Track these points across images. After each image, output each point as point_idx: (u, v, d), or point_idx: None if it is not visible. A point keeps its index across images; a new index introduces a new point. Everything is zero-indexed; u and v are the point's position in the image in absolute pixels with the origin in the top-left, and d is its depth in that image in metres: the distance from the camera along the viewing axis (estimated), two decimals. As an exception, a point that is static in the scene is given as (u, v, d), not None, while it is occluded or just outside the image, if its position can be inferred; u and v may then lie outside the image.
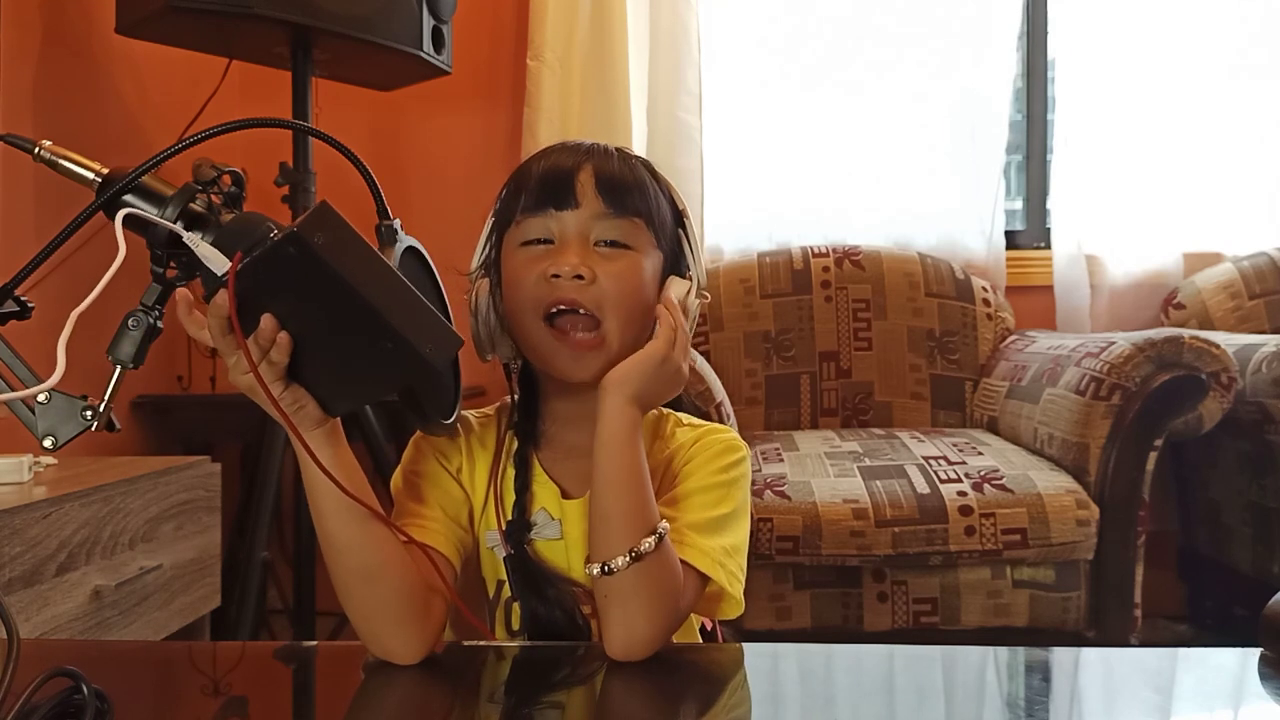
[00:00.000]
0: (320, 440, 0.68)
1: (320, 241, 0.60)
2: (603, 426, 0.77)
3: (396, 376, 0.66)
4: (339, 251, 0.61)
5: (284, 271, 0.61)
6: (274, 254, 0.61)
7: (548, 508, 0.85)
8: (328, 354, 0.65)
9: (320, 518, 0.71)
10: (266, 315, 0.63)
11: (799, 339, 2.31)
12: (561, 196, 0.81)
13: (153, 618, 1.51)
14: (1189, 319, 2.31)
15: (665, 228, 0.85)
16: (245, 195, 0.68)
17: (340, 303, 0.62)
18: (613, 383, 0.78)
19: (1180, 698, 0.72)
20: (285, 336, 0.63)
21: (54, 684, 0.55)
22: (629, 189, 0.82)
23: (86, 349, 0.65)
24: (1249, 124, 2.41)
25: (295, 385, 0.66)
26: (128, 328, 0.64)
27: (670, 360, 0.79)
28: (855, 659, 0.81)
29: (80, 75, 1.96)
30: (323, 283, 0.61)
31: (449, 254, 0.86)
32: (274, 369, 0.64)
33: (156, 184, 0.65)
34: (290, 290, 0.63)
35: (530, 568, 0.83)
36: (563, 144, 0.86)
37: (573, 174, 0.82)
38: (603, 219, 0.81)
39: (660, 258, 0.84)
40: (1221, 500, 2.09)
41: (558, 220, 0.81)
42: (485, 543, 0.85)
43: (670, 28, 2.39)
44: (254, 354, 0.63)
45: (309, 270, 0.61)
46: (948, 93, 2.42)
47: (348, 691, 0.74)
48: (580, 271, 0.79)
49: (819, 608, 1.73)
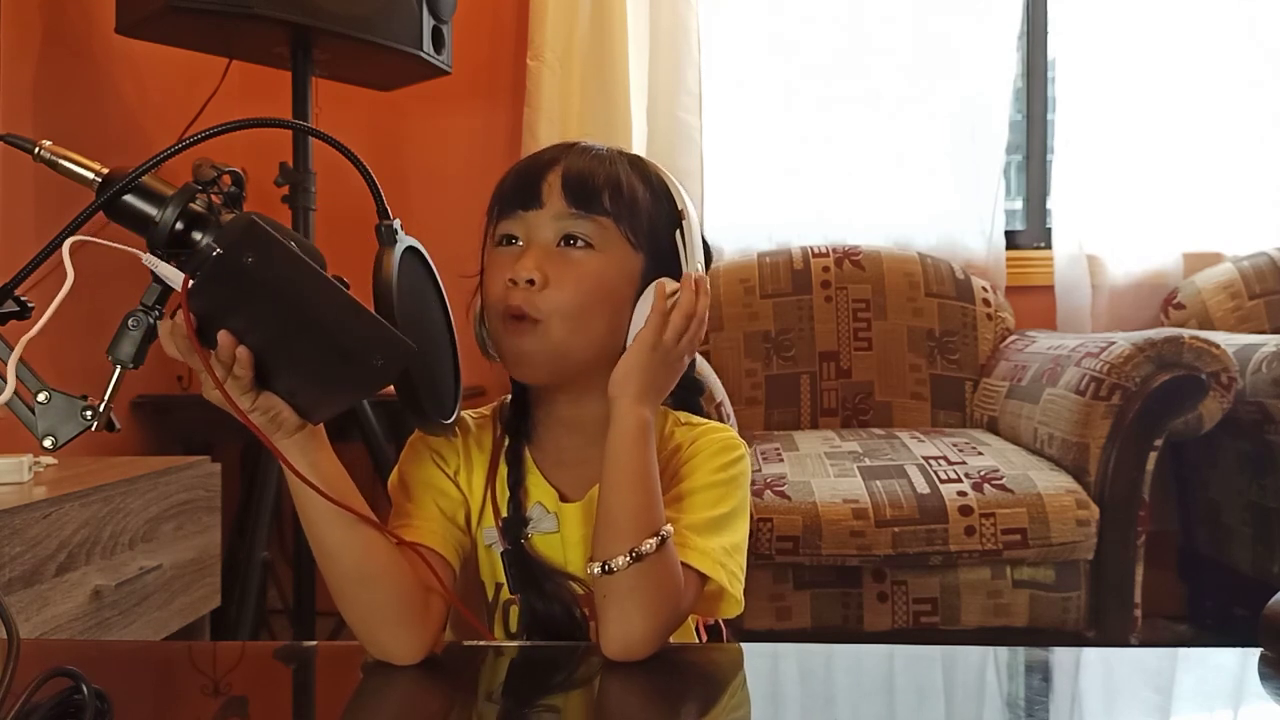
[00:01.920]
0: (299, 447, 0.68)
1: (250, 261, 0.60)
2: (613, 429, 0.77)
3: (356, 388, 0.66)
4: (271, 268, 0.61)
5: (228, 289, 0.62)
6: (212, 274, 0.61)
7: (544, 503, 0.85)
8: (292, 365, 0.66)
9: (309, 524, 0.71)
10: (222, 332, 0.63)
11: (799, 339, 2.31)
12: (528, 196, 0.81)
13: (153, 618, 1.51)
14: (1189, 319, 2.31)
15: (646, 229, 0.82)
16: (245, 195, 0.68)
17: (284, 317, 0.62)
18: (616, 385, 0.78)
19: (1180, 698, 0.72)
20: (245, 351, 0.63)
21: (54, 684, 0.55)
22: (598, 189, 0.81)
23: (86, 349, 0.65)
24: (1249, 124, 2.41)
25: (267, 394, 0.66)
26: (128, 328, 0.64)
27: (661, 345, 0.78)
28: (855, 659, 0.81)
29: (80, 75, 1.96)
30: (262, 299, 0.62)
31: (449, 254, 0.86)
32: (240, 382, 0.65)
33: (156, 184, 0.65)
34: (240, 306, 0.63)
35: (528, 562, 0.83)
36: (547, 149, 0.86)
37: (542, 174, 0.82)
38: (565, 218, 0.81)
39: (639, 261, 0.82)
40: (1221, 500, 2.09)
41: (523, 221, 0.81)
42: (483, 540, 0.85)
43: (670, 28, 2.39)
44: (219, 370, 0.64)
45: (247, 289, 0.61)
46: (948, 93, 2.42)
47: (347, 691, 0.74)
48: (531, 275, 0.78)
49: (819, 608, 1.73)
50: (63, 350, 1.49)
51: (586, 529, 0.83)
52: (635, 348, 0.79)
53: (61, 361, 1.43)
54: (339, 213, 1.76)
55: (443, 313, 0.79)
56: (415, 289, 0.74)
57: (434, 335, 0.77)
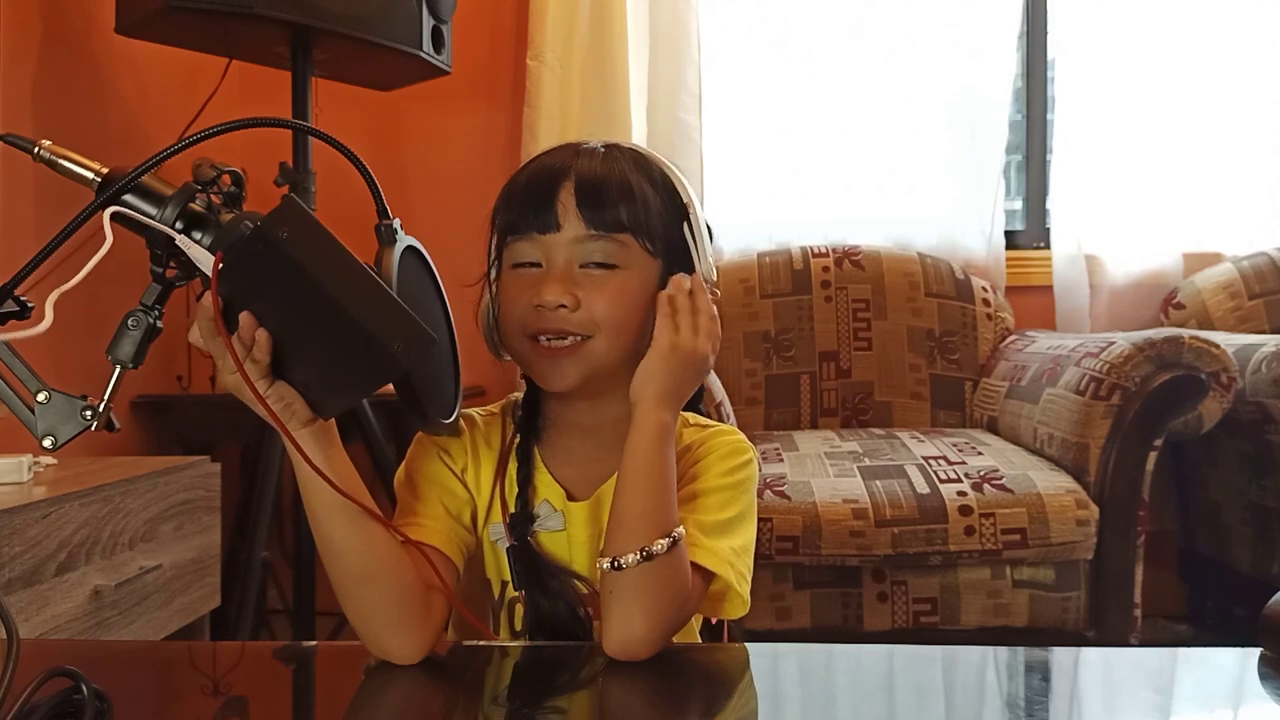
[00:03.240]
0: (311, 439, 0.68)
1: (286, 236, 0.61)
2: (634, 432, 0.77)
3: (372, 375, 0.66)
4: (305, 246, 0.61)
5: (257, 269, 0.62)
6: (245, 251, 0.61)
7: (551, 501, 0.85)
8: (310, 353, 0.66)
9: (315, 519, 0.71)
10: (244, 314, 0.63)
11: (799, 339, 2.31)
12: (543, 219, 0.80)
13: (153, 618, 1.51)
14: (1189, 319, 2.31)
15: (659, 233, 0.83)
16: (245, 195, 0.68)
17: (310, 299, 0.62)
18: (636, 390, 0.79)
19: (1180, 698, 0.72)
20: (264, 334, 0.64)
21: (54, 684, 0.55)
22: (613, 202, 0.81)
23: (86, 349, 0.65)
24: (1249, 124, 2.41)
25: (282, 383, 0.66)
26: (127, 328, 0.64)
27: (679, 347, 0.79)
28: (855, 659, 0.81)
29: (80, 75, 1.96)
30: (291, 278, 0.62)
31: (449, 254, 0.86)
32: (258, 367, 0.64)
33: (156, 184, 0.65)
34: (266, 288, 0.63)
35: (534, 559, 0.83)
36: (552, 150, 0.86)
37: (554, 191, 0.81)
38: (586, 242, 0.80)
39: (656, 266, 0.83)
40: (1221, 500, 2.09)
41: (541, 245, 0.81)
42: (489, 537, 0.85)
43: (670, 28, 2.39)
44: (240, 351, 0.64)
45: (278, 266, 0.61)
46: (948, 93, 2.42)
47: (348, 691, 0.74)
48: (563, 301, 0.79)
49: (819, 608, 1.73)
50: (63, 350, 1.49)
51: (592, 528, 0.83)
52: (652, 353, 0.79)
53: (61, 361, 1.43)
54: (339, 213, 1.75)
55: (443, 312, 0.79)
56: (415, 288, 0.74)
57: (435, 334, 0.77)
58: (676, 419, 0.80)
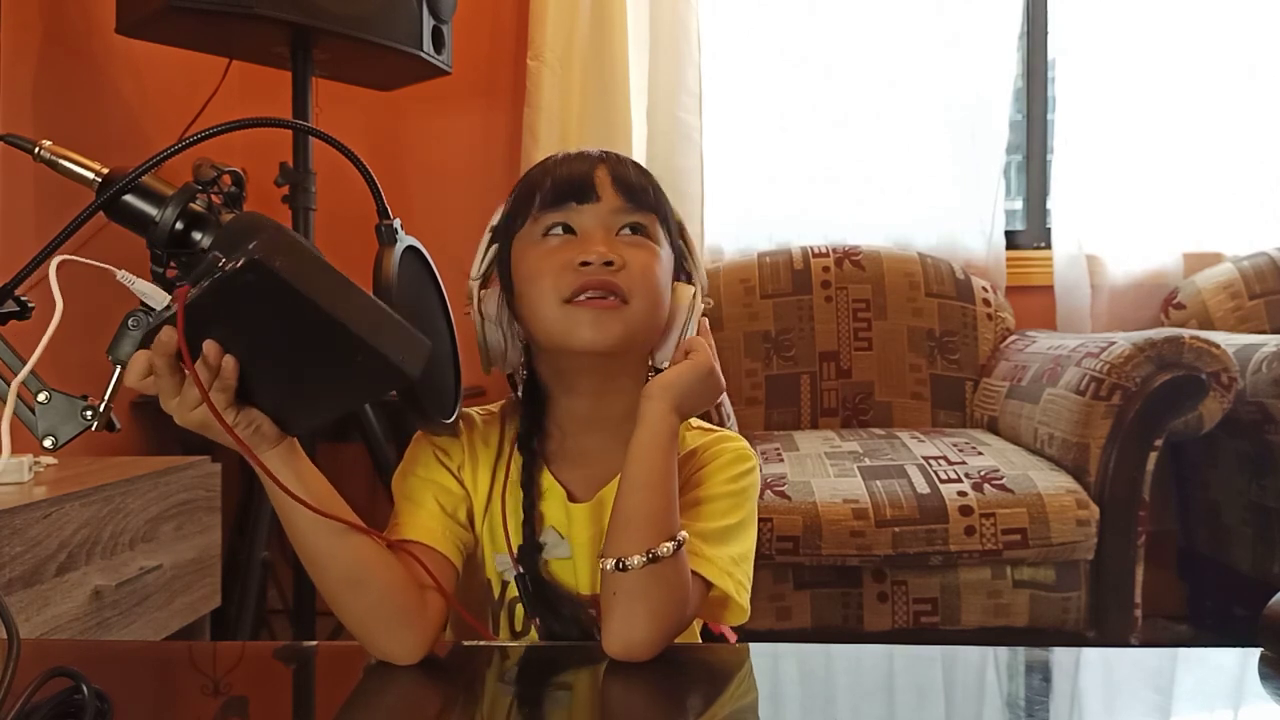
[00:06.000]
0: (279, 459, 0.68)
1: (280, 265, 0.59)
2: (641, 430, 0.77)
3: (370, 388, 0.65)
4: (300, 273, 0.59)
5: (242, 299, 0.60)
6: (232, 283, 0.59)
7: (554, 516, 0.85)
8: (284, 374, 0.65)
9: (295, 535, 0.71)
10: (209, 342, 0.62)
11: (799, 339, 2.31)
12: (582, 192, 0.82)
13: (153, 618, 1.51)
14: (1189, 319, 2.31)
15: (673, 229, 0.87)
16: (245, 195, 0.68)
17: (305, 322, 0.61)
18: (657, 388, 0.79)
19: (1180, 698, 0.71)
20: (231, 360, 0.63)
21: (54, 684, 0.55)
22: (644, 188, 0.84)
23: (86, 349, 0.65)
24: (1249, 124, 2.41)
25: (248, 408, 0.65)
26: (128, 328, 0.64)
27: (715, 374, 0.81)
28: (855, 659, 0.81)
29: (80, 75, 1.96)
30: (286, 305, 0.60)
31: (449, 254, 0.86)
32: (225, 395, 0.64)
33: (156, 184, 0.65)
34: (246, 316, 0.61)
35: (544, 588, 0.83)
36: (569, 153, 0.87)
37: (590, 172, 0.83)
38: (622, 212, 0.83)
39: (671, 255, 0.86)
40: (1221, 500, 2.09)
41: (578, 213, 0.82)
42: (495, 567, 0.85)
43: (670, 28, 2.39)
44: (205, 379, 0.62)
45: (271, 295, 0.59)
46: (948, 93, 2.42)
47: (348, 691, 0.73)
48: (610, 258, 0.79)
49: (819, 608, 1.73)
50: (63, 350, 1.49)
51: (593, 530, 0.83)
52: (689, 365, 0.80)
53: (61, 361, 1.43)
54: (339, 213, 1.76)
55: (443, 312, 0.79)
56: (416, 288, 0.74)
57: (435, 334, 0.77)
58: (679, 428, 0.81)
